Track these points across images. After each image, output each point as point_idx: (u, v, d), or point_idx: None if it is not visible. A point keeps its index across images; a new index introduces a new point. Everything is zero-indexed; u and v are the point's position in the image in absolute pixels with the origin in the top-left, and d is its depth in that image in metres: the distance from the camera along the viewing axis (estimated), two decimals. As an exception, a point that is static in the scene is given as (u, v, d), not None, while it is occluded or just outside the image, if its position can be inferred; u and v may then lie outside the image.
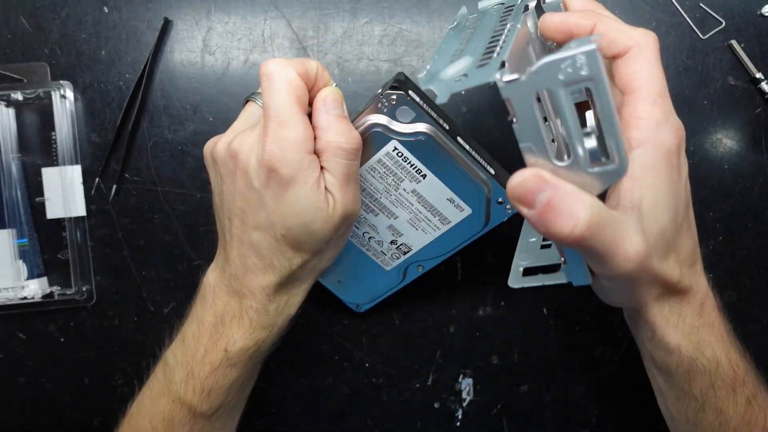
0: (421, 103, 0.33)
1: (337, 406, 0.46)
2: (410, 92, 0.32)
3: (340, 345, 0.45)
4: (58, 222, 0.43)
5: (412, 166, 0.35)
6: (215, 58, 0.43)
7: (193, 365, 0.32)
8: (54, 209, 0.43)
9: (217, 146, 0.32)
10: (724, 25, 0.42)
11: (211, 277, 0.34)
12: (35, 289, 0.43)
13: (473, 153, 0.35)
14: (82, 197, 0.43)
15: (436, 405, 0.46)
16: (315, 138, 0.30)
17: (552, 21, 0.29)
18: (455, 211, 0.37)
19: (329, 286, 0.41)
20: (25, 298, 0.43)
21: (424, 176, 0.35)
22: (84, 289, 0.44)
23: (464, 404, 0.46)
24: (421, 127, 0.33)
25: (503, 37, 0.28)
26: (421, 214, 0.37)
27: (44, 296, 0.43)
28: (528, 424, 0.46)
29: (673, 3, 0.43)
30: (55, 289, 0.44)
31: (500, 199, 0.36)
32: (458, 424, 0.46)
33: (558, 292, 0.44)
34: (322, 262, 0.34)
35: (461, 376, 0.45)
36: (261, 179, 0.29)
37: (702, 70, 0.43)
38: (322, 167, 0.30)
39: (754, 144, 0.43)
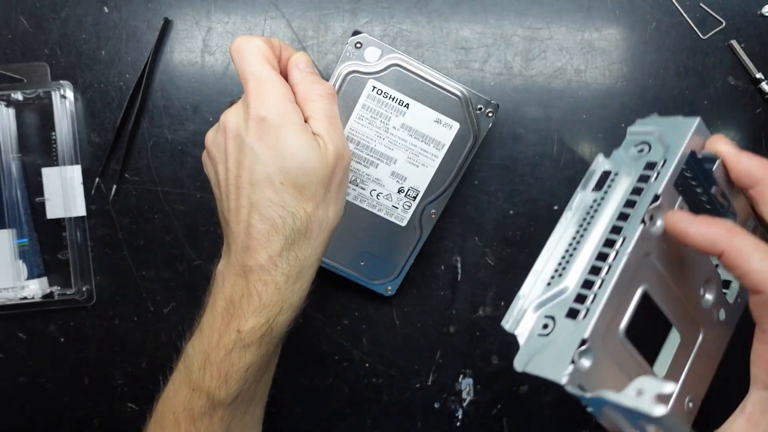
0: (381, 39, 0.36)
1: (337, 406, 0.46)
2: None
3: (340, 345, 0.45)
4: (58, 222, 0.43)
5: (393, 99, 0.38)
6: (215, 58, 0.43)
7: (209, 351, 0.32)
8: (54, 209, 0.43)
9: (207, 135, 0.34)
10: (724, 25, 0.42)
11: (220, 264, 0.34)
12: (35, 289, 0.43)
13: (439, 72, 0.38)
14: (82, 197, 0.43)
15: (436, 405, 0.46)
16: (294, 93, 0.33)
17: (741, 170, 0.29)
18: (445, 131, 0.38)
19: (355, 277, 0.41)
20: (25, 298, 0.43)
21: (407, 105, 0.38)
22: (84, 289, 0.44)
23: (464, 404, 0.46)
24: (390, 59, 0.37)
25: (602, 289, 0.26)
26: (417, 147, 0.39)
27: (44, 296, 0.43)
28: (528, 424, 0.46)
29: (673, 3, 0.43)
30: (55, 289, 0.44)
31: (479, 107, 0.38)
32: (458, 424, 0.46)
33: (558, 292, 0.44)
34: (328, 216, 0.33)
35: (461, 376, 0.45)
36: (252, 133, 0.31)
37: (702, 70, 0.43)
38: (306, 119, 0.32)
39: (754, 144, 0.43)
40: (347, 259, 0.41)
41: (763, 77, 0.42)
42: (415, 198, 0.40)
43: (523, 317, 0.30)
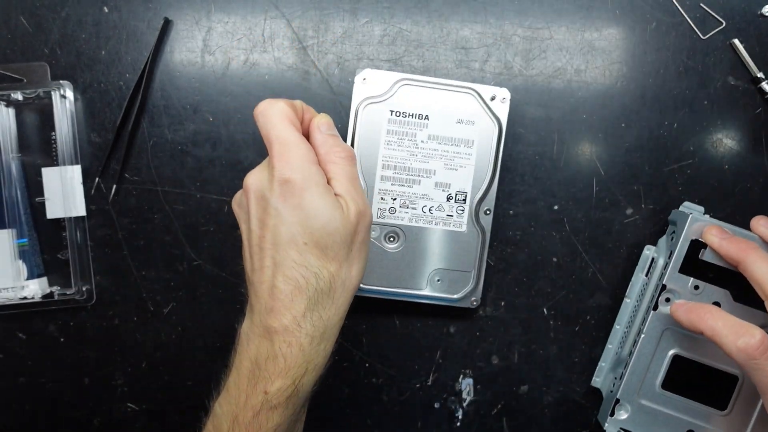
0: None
1: (337, 406, 0.46)
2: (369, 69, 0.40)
3: (340, 345, 0.45)
4: (58, 222, 0.43)
5: (412, 116, 0.39)
6: (215, 58, 0.43)
7: (237, 412, 0.32)
8: (54, 209, 0.43)
9: (234, 198, 0.35)
10: (724, 25, 0.42)
11: (244, 324, 0.34)
12: (35, 289, 0.43)
13: (441, 78, 0.40)
14: (82, 197, 0.43)
15: (436, 405, 0.46)
16: (316, 155, 0.34)
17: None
18: (469, 128, 0.40)
19: (436, 298, 0.41)
20: (25, 298, 0.43)
21: (427, 117, 0.39)
22: (84, 289, 0.44)
23: (464, 404, 0.46)
24: (397, 81, 0.40)
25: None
26: (449, 152, 0.40)
27: (44, 296, 0.43)
28: (528, 424, 0.46)
29: (673, 3, 0.43)
30: (55, 289, 0.44)
31: (492, 96, 0.40)
32: (458, 424, 0.46)
33: (557, 291, 0.45)
34: (351, 275, 0.33)
35: (461, 376, 0.45)
36: (276, 194, 0.31)
37: (702, 70, 0.43)
38: (328, 180, 0.33)
39: (754, 144, 0.43)
40: (423, 282, 0.41)
41: (763, 77, 0.42)
42: (465, 201, 0.40)
43: (603, 378, 0.44)
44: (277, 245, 0.31)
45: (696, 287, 0.39)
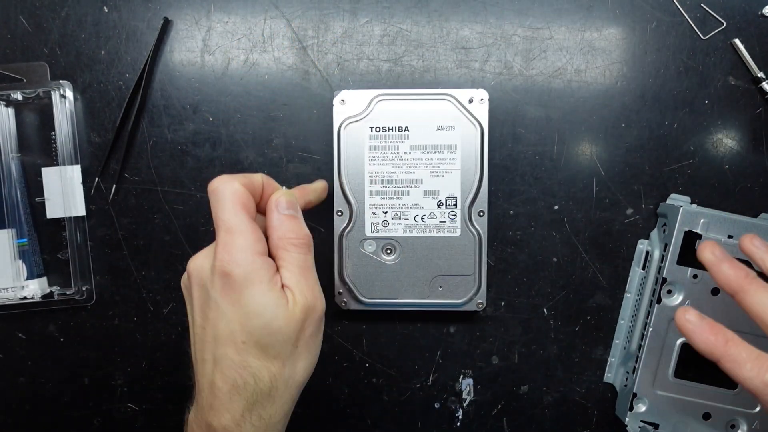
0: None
1: (337, 406, 0.46)
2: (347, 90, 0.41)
3: (340, 345, 0.45)
4: (58, 222, 0.43)
5: (392, 129, 0.40)
6: (215, 58, 0.43)
7: None
8: (54, 209, 0.43)
9: (183, 276, 0.33)
10: (725, 25, 0.42)
11: (191, 413, 0.32)
12: (35, 289, 0.43)
13: (416, 89, 0.41)
14: (81, 197, 0.43)
15: (436, 405, 0.46)
16: (267, 239, 0.32)
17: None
18: (450, 134, 0.40)
19: (441, 305, 0.42)
20: (24, 298, 0.43)
21: (407, 128, 0.40)
22: (84, 289, 0.44)
23: (464, 404, 0.46)
24: (371, 94, 0.40)
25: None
26: (434, 159, 0.40)
27: (44, 296, 0.43)
28: (528, 424, 0.46)
29: (673, 3, 0.43)
30: (55, 289, 0.44)
31: (469, 99, 0.40)
32: (458, 424, 0.46)
33: (557, 292, 0.45)
34: (295, 372, 0.31)
35: (461, 376, 0.45)
36: (217, 287, 0.30)
37: (702, 70, 0.43)
38: (278, 267, 0.31)
39: (754, 144, 0.43)
40: (425, 290, 0.41)
41: (764, 76, 0.42)
42: (455, 205, 0.41)
43: (615, 373, 0.45)
44: (216, 340, 0.30)
45: (695, 276, 0.40)
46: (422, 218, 0.41)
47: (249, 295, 0.29)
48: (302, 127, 0.43)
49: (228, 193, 0.31)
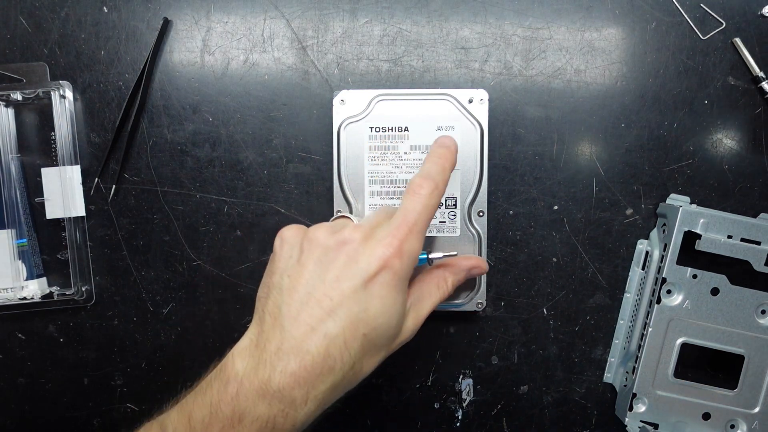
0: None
1: (337, 406, 0.46)
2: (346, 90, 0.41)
3: (340, 345, 0.45)
4: (58, 222, 0.43)
5: (392, 129, 0.40)
6: (215, 58, 0.43)
7: None
8: (53, 209, 0.43)
9: (315, 231, 0.32)
10: (724, 25, 0.42)
11: (241, 365, 0.29)
12: (35, 289, 0.43)
13: (417, 89, 0.41)
14: (81, 197, 0.43)
15: (436, 405, 0.46)
16: (440, 264, 0.35)
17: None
18: (451, 134, 0.40)
19: (440, 305, 0.41)
20: (24, 298, 0.43)
21: (407, 128, 0.40)
22: (83, 289, 0.44)
23: (464, 404, 0.46)
24: (371, 94, 0.40)
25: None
26: None
27: (44, 296, 0.43)
28: (528, 424, 0.46)
29: (673, 3, 0.43)
30: (55, 289, 0.44)
31: (469, 99, 0.40)
32: (458, 424, 0.46)
33: (557, 292, 0.45)
34: (362, 371, 0.31)
35: (461, 376, 0.45)
36: (371, 272, 0.29)
37: (702, 70, 0.43)
38: (411, 287, 0.33)
39: (754, 144, 0.43)
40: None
41: (764, 76, 0.42)
42: (455, 205, 0.41)
43: (614, 373, 0.45)
44: (338, 319, 0.29)
45: (694, 276, 0.41)
46: None
47: (393, 296, 0.30)
48: (302, 127, 0.43)
49: (433, 206, 0.32)
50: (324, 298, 0.29)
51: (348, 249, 0.30)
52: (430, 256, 0.35)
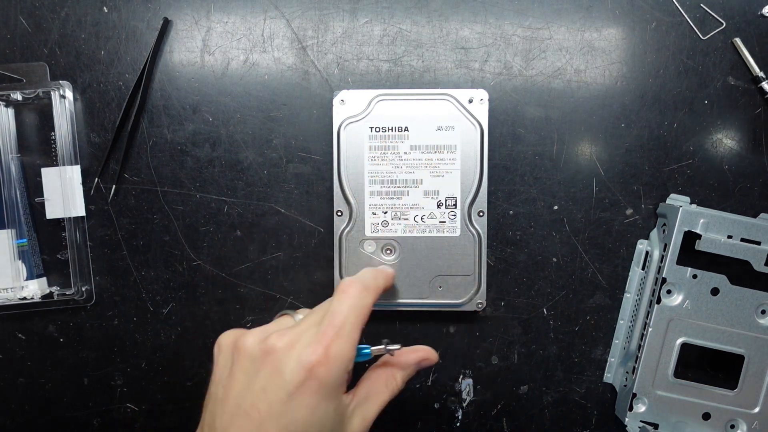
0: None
1: (336, 407, 0.46)
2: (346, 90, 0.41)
3: (340, 345, 0.45)
4: (58, 222, 0.43)
5: (392, 129, 0.40)
6: (215, 58, 0.43)
7: None
8: (53, 209, 0.43)
9: (245, 338, 0.31)
10: (724, 25, 0.42)
11: None
12: (34, 289, 0.43)
13: (417, 89, 0.41)
14: (81, 197, 0.43)
15: (436, 405, 0.46)
16: (385, 362, 0.35)
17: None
18: (450, 134, 0.40)
19: (440, 305, 0.42)
20: (24, 298, 0.43)
21: (407, 128, 0.40)
22: (83, 289, 0.44)
23: (464, 404, 0.46)
24: (371, 94, 0.40)
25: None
26: (433, 160, 0.40)
27: (43, 296, 0.43)
28: (528, 424, 0.46)
29: (673, 3, 0.43)
30: (55, 289, 0.44)
31: (469, 99, 0.40)
32: (458, 424, 0.46)
33: (557, 292, 0.45)
34: None
35: (461, 376, 0.45)
36: (296, 382, 0.29)
37: (702, 70, 0.43)
38: (366, 391, 0.33)
39: (754, 144, 0.43)
40: (425, 290, 0.41)
41: (764, 76, 0.42)
42: (455, 205, 0.41)
43: (614, 373, 0.45)
44: (259, 425, 0.29)
45: (694, 276, 0.41)
46: (422, 218, 0.41)
47: (324, 407, 0.29)
48: (302, 127, 0.43)
49: (358, 307, 0.31)
50: (252, 410, 0.29)
51: (273, 359, 0.30)
52: (373, 349, 0.34)
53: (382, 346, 0.34)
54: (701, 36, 0.43)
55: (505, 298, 0.45)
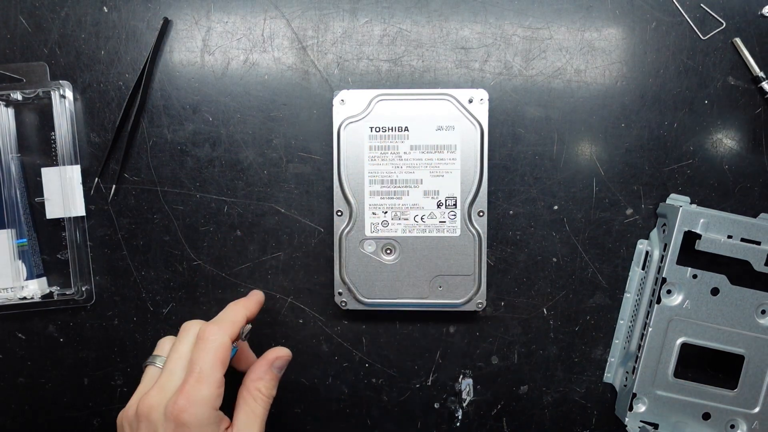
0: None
1: (337, 406, 0.46)
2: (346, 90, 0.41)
3: (340, 345, 0.45)
4: (58, 222, 0.43)
5: (392, 129, 0.40)
6: (215, 58, 0.43)
7: None
8: (53, 209, 0.43)
9: (125, 412, 0.34)
10: (724, 25, 0.42)
11: None
12: (35, 289, 0.43)
13: (417, 89, 0.41)
14: (81, 197, 0.43)
15: (436, 405, 0.46)
16: (244, 382, 0.36)
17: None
18: (450, 134, 0.40)
19: (440, 305, 0.42)
20: (24, 298, 0.43)
21: (407, 128, 0.40)
22: (83, 289, 0.44)
23: (464, 404, 0.46)
24: (371, 94, 0.40)
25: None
26: (433, 159, 0.40)
27: (44, 296, 0.43)
28: (528, 424, 0.46)
29: (673, 3, 0.43)
30: (55, 289, 0.44)
31: (469, 99, 0.40)
32: (458, 424, 0.46)
33: (557, 292, 0.45)
34: None
35: (461, 376, 0.45)
36: (168, 431, 0.31)
37: (702, 70, 0.43)
38: (236, 407, 0.35)
39: (754, 144, 0.43)
40: (425, 290, 0.41)
41: (764, 76, 0.42)
42: (455, 205, 0.41)
43: (614, 373, 0.45)
44: None
45: (694, 276, 0.41)
46: (422, 218, 0.41)
47: None
48: (302, 127, 0.43)
49: (215, 345, 0.33)
50: None
51: (147, 422, 0.32)
52: (236, 344, 0.36)
53: (242, 337, 0.36)
54: (701, 36, 0.43)
55: (505, 298, 0.45)
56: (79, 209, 0.43)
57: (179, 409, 0.31)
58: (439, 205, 0.41)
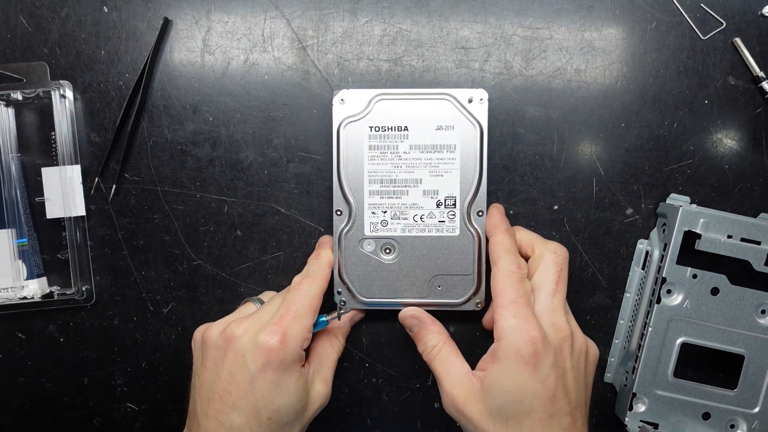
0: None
1: (337, 406, 0.46)
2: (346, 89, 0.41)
3: (340, 345, 0.45)
4: (58, 222, 0.43)
5: (392, 129, 0.40)
6: (215, 58, 0.43)
7: None
8: (53, 209, 0.43)
9: (209, 330, 0.36)
10: (724, 25, 0.42)
11: None
12: (35, 289, 0.43)
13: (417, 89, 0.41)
14: (81, 197, 0.43)
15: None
16: (327, 330, 0.40)
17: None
18: (449, 133, 0.40)
19: (440, 305, 0.42)
20: (24, 298, 0.43)
21: (406, 128, 0.40)
22: (83, 289, 0.44)
23: (464, 404, 0.46)
24: (371, 94, 0.40)
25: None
26: (432, 159, 0.40)
27: (44, 296, 0.43)
28: (528, 424, 0.46)
29: (673, 3, 0.43)
30: (55, 289, 0.44)
31: (469, 99, 0.40)
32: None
33: (558, 292, 0.44)
34: None
35: (461, 376, 0.45)
36: (258, 363, 0.33)
37: (702, 70, 0.43)
38: (325, 352, 0.40)
39: (754, 144, 0.43)
40: (424, 290, 0.41)
41: (764, 76, 0.42)
42: (454, 205, 0.40)
43: (614, 373, 0.45)
44: (240, 411, 0.33)
45: (694, 276, 0.41)
46: (421, 218, 0.41)
47: (287, 381, 0.34)
48: (302, 127, 0.43)
49: (316, 293, 0.37)
50: (225, 394, 0.34)
51: (235, 345, 0.34)
52: (327, 318, 0.39)
53: (334, 315, 0.40)
54: (701, 36, 0.43)
55: (505, 298, 0.45)
56: (79, 209, 0.43)
57: (277, 341, 0.33)
58: (438, 205, 0.41)
